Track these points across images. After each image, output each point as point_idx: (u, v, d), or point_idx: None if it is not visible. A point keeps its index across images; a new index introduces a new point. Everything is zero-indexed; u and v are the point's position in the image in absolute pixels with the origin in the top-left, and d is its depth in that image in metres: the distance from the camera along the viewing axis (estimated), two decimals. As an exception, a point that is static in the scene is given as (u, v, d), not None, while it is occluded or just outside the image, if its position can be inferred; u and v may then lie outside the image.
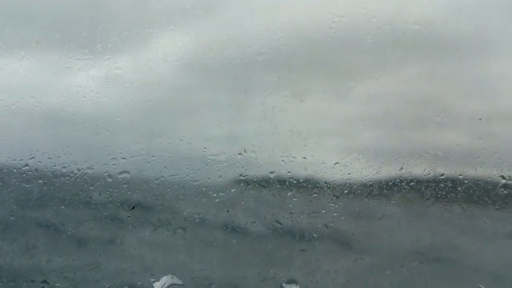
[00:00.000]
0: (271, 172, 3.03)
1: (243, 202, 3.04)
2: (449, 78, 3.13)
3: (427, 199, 2.99)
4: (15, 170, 2.99)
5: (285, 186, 3.01)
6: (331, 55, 3.13)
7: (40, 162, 3.00)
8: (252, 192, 3.04)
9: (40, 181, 2.99)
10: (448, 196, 2.98)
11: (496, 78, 3.12)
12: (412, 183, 2.99)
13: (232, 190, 3.03)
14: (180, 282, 2.98)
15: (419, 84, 3.12)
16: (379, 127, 3.10)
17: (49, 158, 2.99)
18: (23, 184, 2.99)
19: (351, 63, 3.14)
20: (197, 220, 3.03)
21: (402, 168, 2.99)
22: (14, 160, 3.00)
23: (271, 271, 3.02)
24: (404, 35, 3.05)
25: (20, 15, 3.19)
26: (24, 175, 2.98)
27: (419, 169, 2.99)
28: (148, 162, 3.03)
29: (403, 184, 2.99)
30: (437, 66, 3.12)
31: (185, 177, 3.02)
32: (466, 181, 2.96)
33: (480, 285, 2.93)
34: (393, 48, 3.05)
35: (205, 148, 3.04)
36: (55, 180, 3.00)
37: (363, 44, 3.06)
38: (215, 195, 3.01)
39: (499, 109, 3.12)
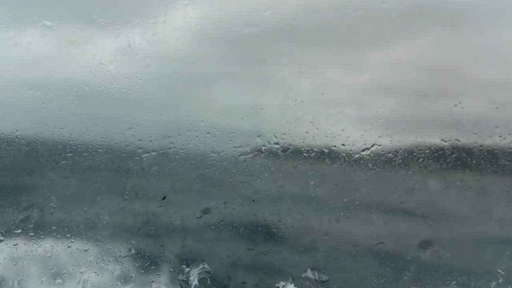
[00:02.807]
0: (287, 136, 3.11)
1: (267, 192, 3.16)
2: (466, 46, 3.09)
3: (444, 169, 3.00)
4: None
5: (302, 157, 3.09)
6: (348, 24, 3.12)
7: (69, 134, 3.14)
8: (276, 181, 3.15)
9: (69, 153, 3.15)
10: (465, 165, 2.97)
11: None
12: (428, 152, 3.00)
13: (257, 181, 3.16)
14: (209, 268, 3.12)
15: (436, 52, 3.09)
16: (396, 96, 3.11)
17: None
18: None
19: (368, 31, 3.12)
20: (224, 208, 3.17)
21: (418, 137, 3.01)
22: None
23: (296, 257, 3.14)
24: (420, 1, 3.02)
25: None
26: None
27: (436, 138, 2.99)
28: (177, 155, 3.17)
29: (420, 153, 3.02)
30: (454, 33, 3.07)
31: (212, 169, 3.16)
32: (483, 150, 2.95)
33: (499, 270, 2.98)
34: (409, 14, 3.02)
35: (230, 141, 3.17)
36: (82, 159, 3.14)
37: (379, 10, 3.05)
38: (241, 185, 3.15)
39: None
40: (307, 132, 3.10)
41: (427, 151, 3.02)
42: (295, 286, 3.07)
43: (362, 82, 3.13)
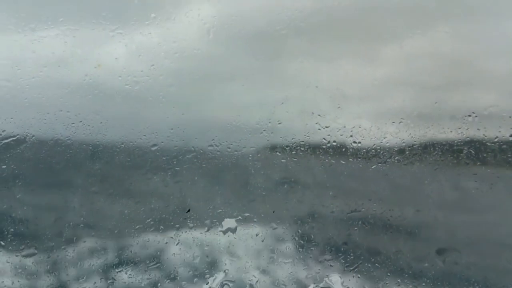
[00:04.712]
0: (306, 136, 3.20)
1: (288, 200, 3.27)
2: (482, 38, 3.10)
3: (461, 162, 3.04)
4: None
5: (319, 152, 3.19)
6: (362, 17, 3.17)
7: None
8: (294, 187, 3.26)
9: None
10: (482, 158, 3.01)
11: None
12: (446, 146, 3.07)
13: (278, 195, 3.28)
14: (232, 278, 3.22)
15: (453, 45, 3.10)
16: (413, 89, 3.14)
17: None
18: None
19: (383, 25, 3.16)
20: (246, 214, 3.26)
21: (435, 130, 3.06)
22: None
23: (316, 264, 3.22)
24: None
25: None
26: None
27: (452, 132, 3.02)
28: (200, 170, 3.27)
29: (436, 146, 3.08)
30: (470, 26, 3.07)
31: (231, 177, 3.28)
32: (501, 143, 3.00)
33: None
34: (425, 7, 3.06)
35: (250, 155, 3.28)
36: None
37: (394, 4, 3.11)
38: (263, 192, 3.26)
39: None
40: (323, 147, 3.20)
41: (443, 157, 3.08)
42: (315, 293, 3.16)
43: (380, 81, 3.17)
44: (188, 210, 3.26)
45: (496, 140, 3.00)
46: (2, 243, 3.11)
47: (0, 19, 3.37)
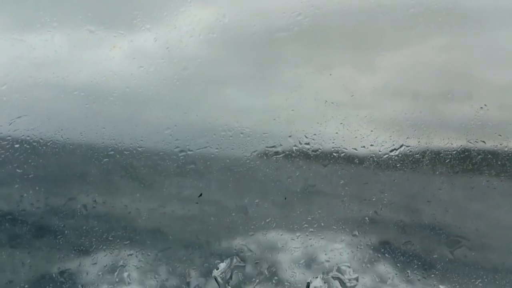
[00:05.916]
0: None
1: (298, 190, 3.28)
2: (475, 49, 3.15)
3: (470, 169, 3.08)
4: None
5: (315, 157, 3.21)
6: (358, 26, 3.20)
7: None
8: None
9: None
10: (475, 167, 3.07)
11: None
12: (455, 153, 3.10)
13: (288, 180, 3.29)
14: (242, 263, 3.24)
15: (446, 55, 3.15)
16: (406, 98, 3.18)
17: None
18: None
19: (379, 35, 3.19)
20: (257, 201, 3.29)
21: (445, 138, 3.09)
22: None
23: (325, 254, 3.24)
24: (431, 5, 3.08)
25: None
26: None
27: (446, 140, 3.07)
28: (212, 154, 3.29)
29: (447, 154, 3.10)
30: (464, 37, 3.11)
31: (245, 168, 3.29)
32: (493, 152, 3.05)
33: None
34: (420, 18, 3.08)
35: (263, 141, 3.29)
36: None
37: (390, 15, 3.13)
38: (275, 180, 3.28)
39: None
40: (336, 133, 3.20)
41: (454, 152, 3.10)
42: (325, 282, 3.17)
43: (390, 85, 3.23)
44: (200, 195, 3.28)
45: (495, 146, 3.04)
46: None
47: (1, 19, 3.40)
